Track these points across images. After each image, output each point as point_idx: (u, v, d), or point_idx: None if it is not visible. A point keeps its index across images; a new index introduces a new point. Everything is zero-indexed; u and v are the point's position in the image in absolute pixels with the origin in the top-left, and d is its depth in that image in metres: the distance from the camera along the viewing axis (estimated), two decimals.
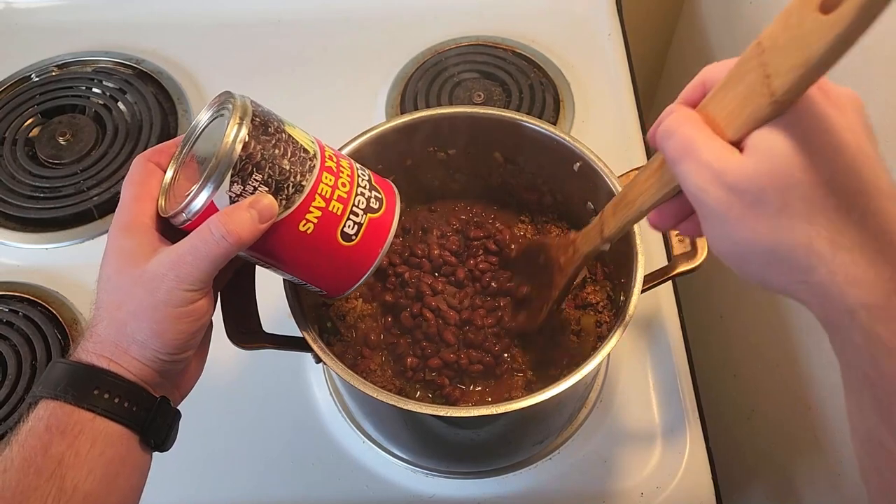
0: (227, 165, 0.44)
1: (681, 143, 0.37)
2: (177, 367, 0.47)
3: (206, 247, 0.44)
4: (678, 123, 0.38)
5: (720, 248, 0.38)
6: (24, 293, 0.80)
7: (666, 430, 0.72)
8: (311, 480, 0.71)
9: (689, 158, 0.37)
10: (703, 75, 0.40)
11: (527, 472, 0.71)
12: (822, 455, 0.75)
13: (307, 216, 0.48)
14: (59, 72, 1.01)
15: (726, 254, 0.38)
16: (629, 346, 0.77)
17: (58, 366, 0.45)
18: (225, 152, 0.44)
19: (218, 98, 0.49)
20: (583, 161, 0.65)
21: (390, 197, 0.54)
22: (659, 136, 0.39)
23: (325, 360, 0.54)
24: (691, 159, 0.37)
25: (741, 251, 0.37)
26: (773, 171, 0.34)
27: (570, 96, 0.94)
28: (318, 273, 0.52)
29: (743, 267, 0.38)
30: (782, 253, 0.35)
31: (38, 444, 0.42)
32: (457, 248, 0.69)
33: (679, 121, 0.38)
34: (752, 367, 0.93)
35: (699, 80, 0.40)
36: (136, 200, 0.47)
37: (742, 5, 0.93)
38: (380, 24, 1.04)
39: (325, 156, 0.50)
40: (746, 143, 0.36)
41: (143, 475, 0.47)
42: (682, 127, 0.38)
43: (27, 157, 0.92)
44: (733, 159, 0.35)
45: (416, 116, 0.67)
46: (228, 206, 0.45)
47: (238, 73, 1.00)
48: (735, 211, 0.36)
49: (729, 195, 0.35)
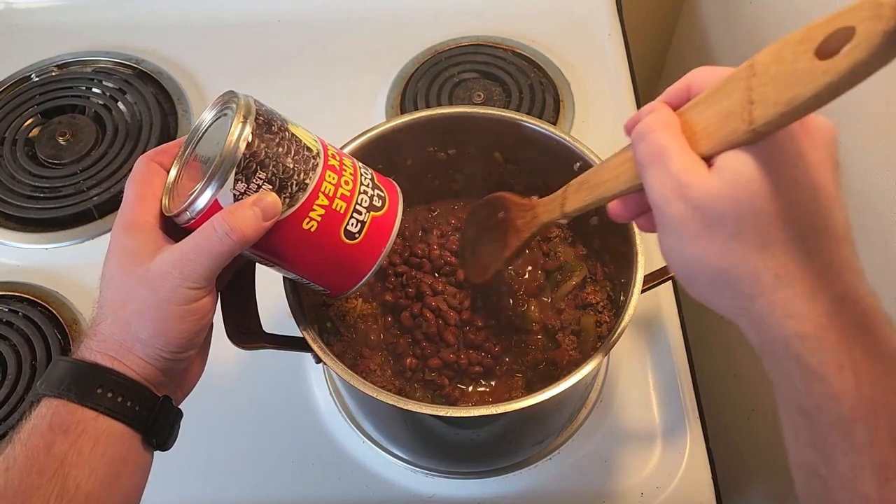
0: (231, 163, 0.44)
1: (653, 149, 0.38)
2: (179, 366, 0.47)
3: (210, 244, 0.44)
4: (654, 126, 0.38)
5: (671, 260, 0.39)
6: (24, 293, 0.80)
7: (666, 430, 0.72)
8: (311, 480, 0.71)
9: (657, 166, 0.37)
10: (690, 79, 0.40)
11: (527, 472, 0.71)
12: None
13: (310, 214, 0.48)
14: (59, 72, 1.01)
15: (675, 267, 0.39)
16: (629, 346, 0.77)
17: (61, 364, 0.45)
18: (229, 150, 0.44)
19: (221, 98, 0.49)
20: (583, 161, 0.65)
21: (393, 196, 0.54)
22: (634, 135, 0.39)
23: (325, 360, 0.54)
24: (660, 167, 0.37)
25: (690, 268, 0.38)
26: (735, 197, 0.35)
27: (570, 96, 0.94)
28: (321, 271, 0.52)
29: (689, 283, 0.39)
30: (728, 278, 0.36)
31: (41, 442, 0.42)
32: (457, 248, 0.69)
33: (656, 123, 0.38)
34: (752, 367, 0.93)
35: (685, 82, 0.40)
36: (139, 200, 0.47)
37: (742, 5, 0.93)
38: (380, 24, 1.04)
39: (329, 154, 0.50)
40: (716, 162, 0.36)
41: (145, 474, 0.47)
42: (657, 131, 0.38)
43: (27, 157, 0.92)
44: (700, 176, 0.36)
45: (416, 116, 0.67)
46: (232, 203, 0.45)
47: (238, 73, 1.00)
48: (692, 228, 0.36)
49: (688, 211, 0.36)
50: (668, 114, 0.39)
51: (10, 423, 0.72)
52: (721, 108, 0.36)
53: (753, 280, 0.35)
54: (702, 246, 0.36)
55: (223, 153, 0.44)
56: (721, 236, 0.35)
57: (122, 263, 0.46)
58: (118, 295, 0.45)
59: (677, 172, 0.36)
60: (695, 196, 0.36)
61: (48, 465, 0.41)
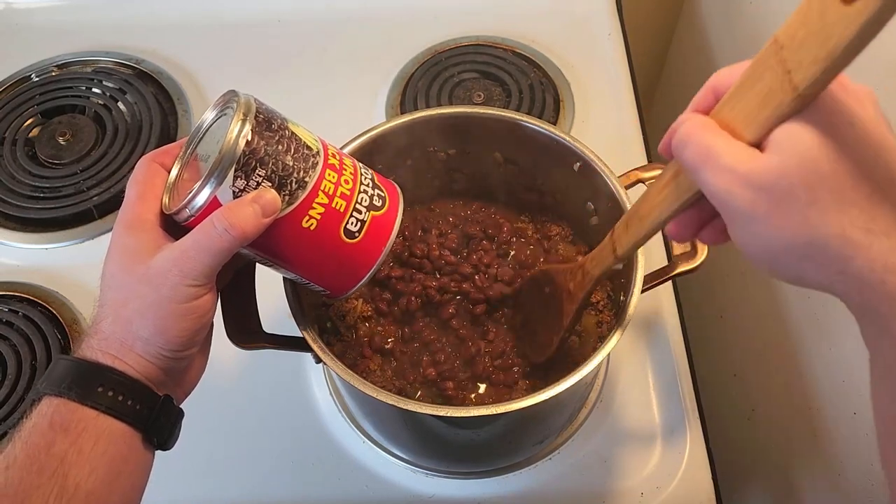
0: (231, 160, 0.44)
1: (699, 150, 0.37)
2: (181, 365, 0.47)
3: (210, 241, 0.44)
4: (693, 130, 0.38)
5: (751, 249, 0.38)
6: (24, 293, 0.80)
7: (666, 430, 0.72)
8: (311, 480, 0.71)
9: (709, 164, 0.37)
10: (714, 81, 0.40)
11: (527, 472, 0.71)
12: (822, 455, 0.75)
13: (310, 212, 0.48)
14: (59, 72, 1.01)
15: (758, 254, 0.38)
16: (629, 346, 0.77)
17: (62, 362, 0.45)
18: (228, 147, 0.44)
19: (222, 97, 0.49)
20: (583, 161, 0.65)
21: (393, 196, 0.54)
22: (675, 146, 0.39)
23: (325, 360, 0.54)
24: (712, 165, 0.36)
25: (773, 250, 0.37)
26: (801, 166, 0.34)
27: (570, 96, 0.94)
28: (322, 271, 0.52)
29: (776, 266, 0.38)
30: (817, 246, 0.35)
31: (42, 441, 0.42)
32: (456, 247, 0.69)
33: (694, 128, 0.38)
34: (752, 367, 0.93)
35: (709, 86, 0.40)
36: (140, 199, 0.47)
37: (742, 5, 0.93)
38: (380, 24, 1.04)
39: (329, 153, 0.50)
40: (769, 141, 0.35)
41: (146, 474, 0.47)
42: (697, 134, 0.37)
43: (27, 157, 0.92)
44: (757, 159, 0.35)
45: (416, 116, 0.67)
46: (232, 201, 0.45)
47: (238, 73, 1.00)
48: (762, 210, 0.35)
49: (756, 195, 0.35)
50: (702, 117, 0.39)
51: (10, 422, 0.72)
52: (758, 90, 0.35)
53: (843, 240, 0.34)
54: (779, 224, 0.35)
55: (222, 150, 0.44)
56: (796, 209, 0.35)
57: (122, 262, 0.46)
58: (119, 294, 0.45)
59: (732, 164, 0.36)
60: (757, 178, 0.35)
61: (48, 463, 0.41)
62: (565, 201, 0.71)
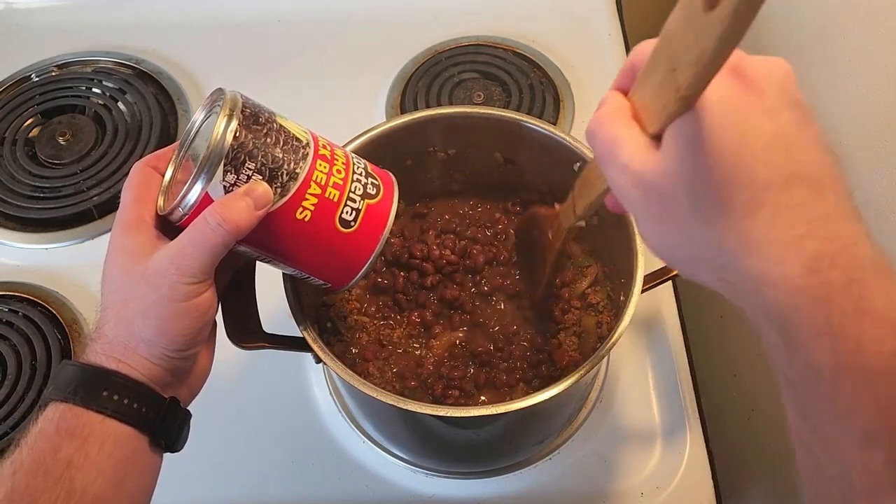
0: (219, 156, 0.45)
1: (605, 142, 0.37)
2: (185, 364, 0.48)
3: (204, 237, 0.44)
4: (603, 119, 0.38)
5: (649, 244, 0.38)
6: (24, 293, 0.80)
7: (666, 430, 0.72)
8: (311, 480, 0.71)
9: (611, 158, 0.37)
10: (632, 57, 0.38)
11: (527, 472, 0.71)
12: None
13: (303, 203, 0.48)
14: (59, 72, 1.01)
15: (655, 250, 0.38)
16: (629, 346, 0.77)
17: (67, 368, 0.45)
18: (216, 143, 0.44)
19: (210, 97, 0.49)
20: (583, 161, 0.65)
21: (388, 184, 0.54)
22: (587, 133, 0.38)
23: (325, 360, 0.54)
24: (613, 159, 0.36)
25: (666, 250, 0.37)
26: (680, 171, 0.33)
27: (570, 96, 0.94)
28: (320, 263, 0.52)
29: (672, 263, 0.39)
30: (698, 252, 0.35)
31: (48, 446, 0.42)
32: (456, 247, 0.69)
33: (604, 116, 0.38)
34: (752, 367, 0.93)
35: (629, 62, 0.38)
36: (136, 202, 0.48)
37: None
38: (380, 24, 1.04)
39: (319, 144, 0.50)
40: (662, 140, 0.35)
41: (153, 476, 0.47)
42: (606, 123, 0.37)
43: (27, 157, 0.92)
44: (650, 159, 0.35)
45: (416, 116, 0.67)
46: (223, 196, 0.45)
47: (238, 73, 1.00)
48: (654, 212, 0.36)
49: (645, 195, 0.35)
50: (616, 102, 0.38)
51: (10, 422, 0.72)
52: (654, 81, 0.35)
53: (720, 251, 0.34)
54: (668, 227, 0.35)
55: (211, 146, 0.44)
56: (680, 213, 0.34)
57: (121, 263, 0.46)
58: (119, 295, 0.46)
59: (627, 161, 0.35)
60: (646, 180, 0.35)
61: (55, 468, 0.41)
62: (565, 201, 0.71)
